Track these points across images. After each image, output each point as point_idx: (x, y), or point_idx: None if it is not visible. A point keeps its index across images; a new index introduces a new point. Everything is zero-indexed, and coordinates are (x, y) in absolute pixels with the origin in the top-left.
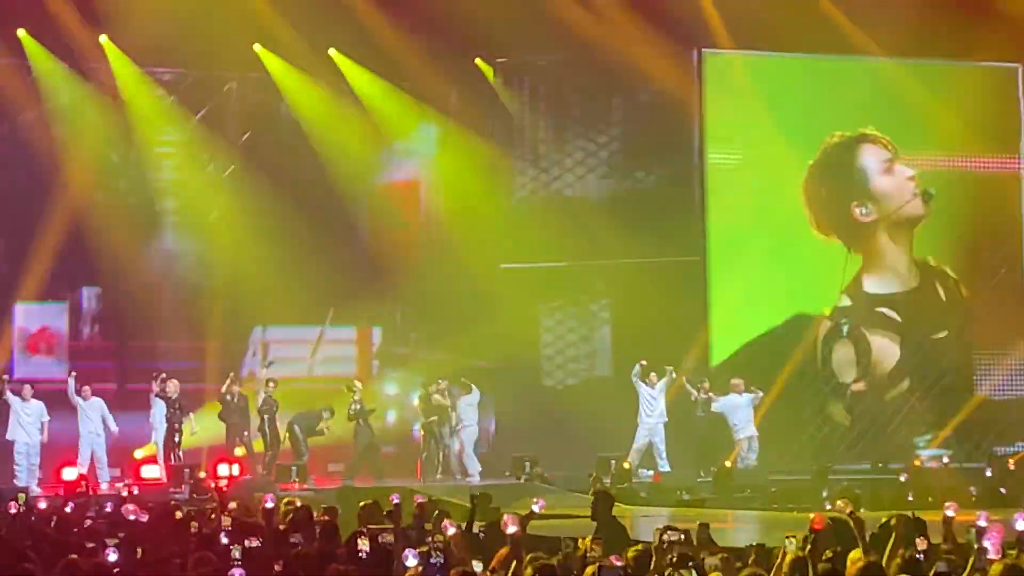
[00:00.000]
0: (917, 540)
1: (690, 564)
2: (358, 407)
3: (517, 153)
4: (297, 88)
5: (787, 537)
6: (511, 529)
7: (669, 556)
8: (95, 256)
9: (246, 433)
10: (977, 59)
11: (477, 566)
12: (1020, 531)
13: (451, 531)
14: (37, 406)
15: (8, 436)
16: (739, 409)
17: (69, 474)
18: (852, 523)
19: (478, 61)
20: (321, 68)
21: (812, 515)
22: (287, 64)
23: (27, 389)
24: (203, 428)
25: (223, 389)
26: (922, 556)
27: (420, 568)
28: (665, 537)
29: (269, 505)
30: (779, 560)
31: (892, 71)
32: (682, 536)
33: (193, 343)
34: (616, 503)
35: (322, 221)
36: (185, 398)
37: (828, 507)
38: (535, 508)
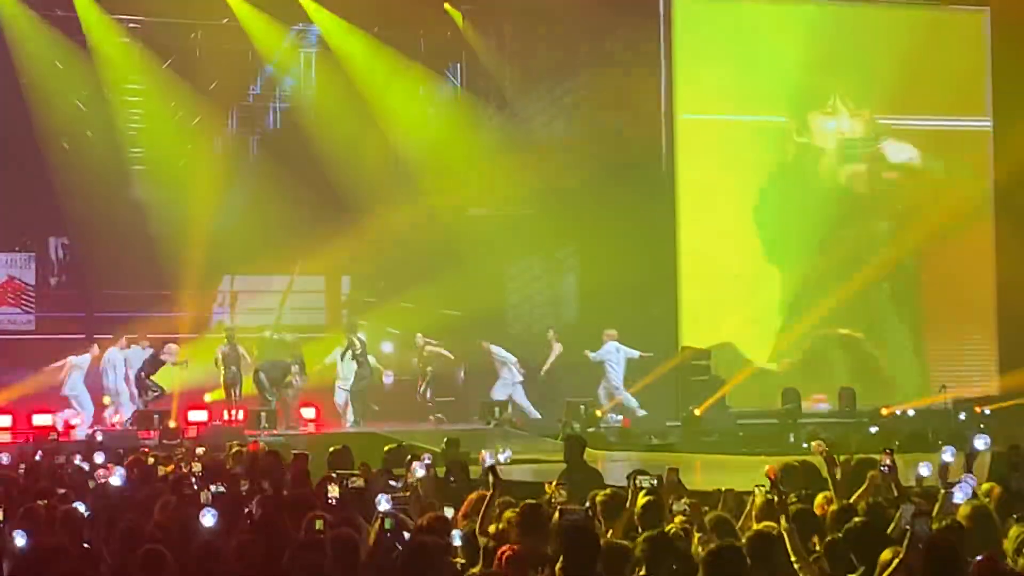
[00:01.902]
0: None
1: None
2: (360, 350)
3: (485, 99)
4: (265, 34)
5: (756, 486)
6: (488, 463)
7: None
8: (62, 205)
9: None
10: (943, 2)
11: (448, 512)
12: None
13: (420, 473)
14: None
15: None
16: (612, 359)
17: (40, 420)
18: (825, 463)
19: (446, 6)
20: (290, 14)
21: (766, 467)
22: (255, 10)
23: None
24: (173, 377)
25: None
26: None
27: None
28: (637, 482)
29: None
30: (749, 506)
31: (859, 16)
32: (655, 481)
33: (162, 292)
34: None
35: (291, 169)
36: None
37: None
38: (501, 459)
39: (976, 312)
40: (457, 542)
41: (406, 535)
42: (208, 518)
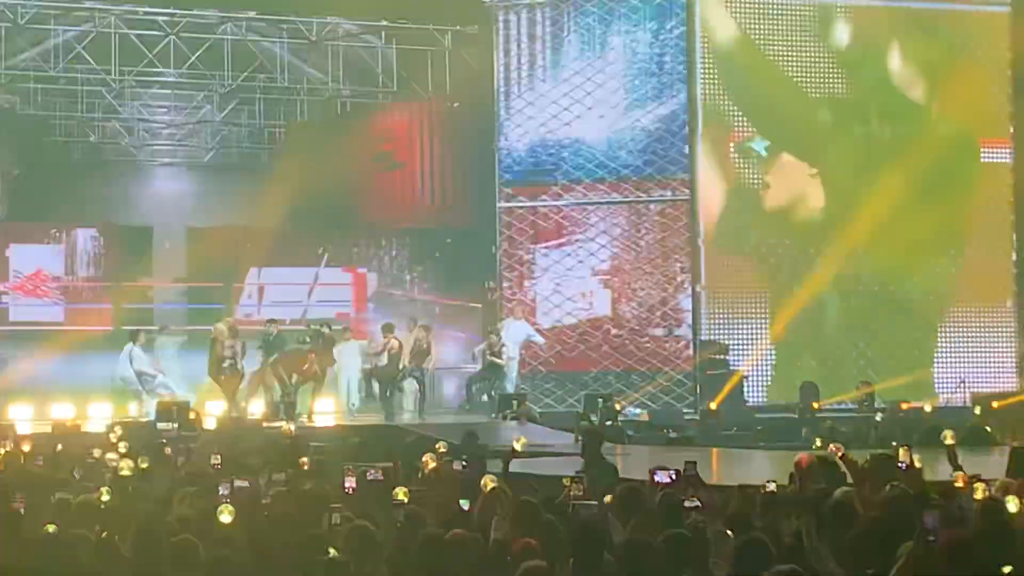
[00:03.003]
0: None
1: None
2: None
3: (516, 91)
4: (295, 27)
5: (767, 481)
6: (431, 466)
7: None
8: (90, 197)
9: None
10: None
11: (464, 504)
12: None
13: (431, 466)
14: None
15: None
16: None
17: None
18: (843, 465)
19: None
20: (319, 6)
21: (798, 455)
22: (285, 2)
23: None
24: (192, 368)
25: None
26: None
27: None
28: (657, 477)
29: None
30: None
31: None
32: (673, 475)
33: (190, 284)
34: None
35: (319, 162)
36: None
37: (817, 446)
38: (516, 447)
39: (998, 307)
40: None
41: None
42: (225, 515)
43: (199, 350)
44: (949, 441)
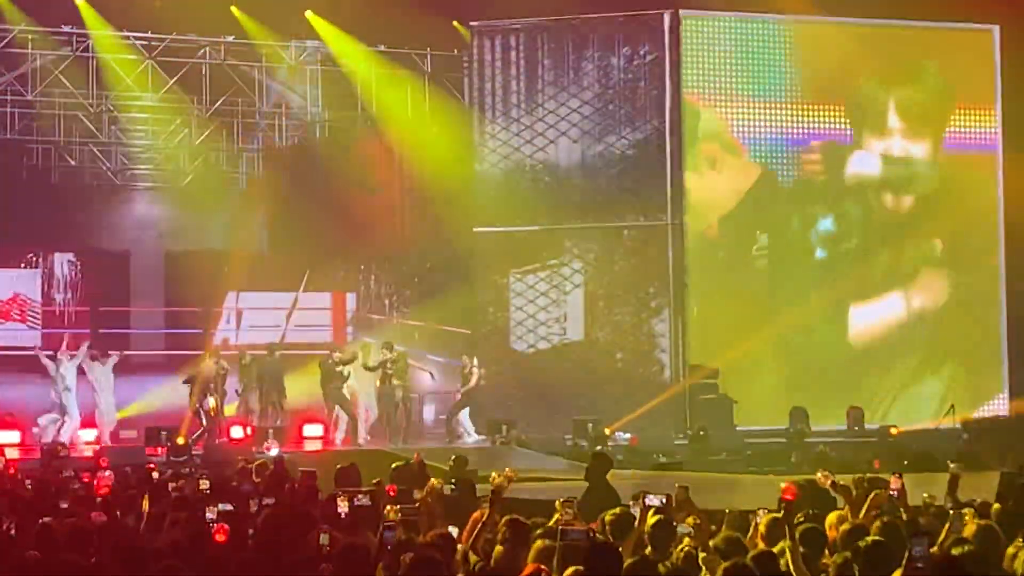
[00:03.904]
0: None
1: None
2: (391, 368)
3: (491, 116)
4: (273, 51)
5: (760, 509)
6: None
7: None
8: (68, 222)
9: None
10: (952, 19)
11: (453, 530)
12: None
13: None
14: None
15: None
16: None
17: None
18: (834, 492)
19: (455, 24)
20: (297, 30)
21: (783, 485)
22: (263, 26)
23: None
24: (176, 393)
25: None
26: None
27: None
28: (646, 502)
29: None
30: (753, 526)
31: (865, 33)
32: (663, 500)
33: (167, 309)
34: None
35: (298, 186)
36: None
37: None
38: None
39: (987, 333)
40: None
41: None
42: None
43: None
44: (953, 471)
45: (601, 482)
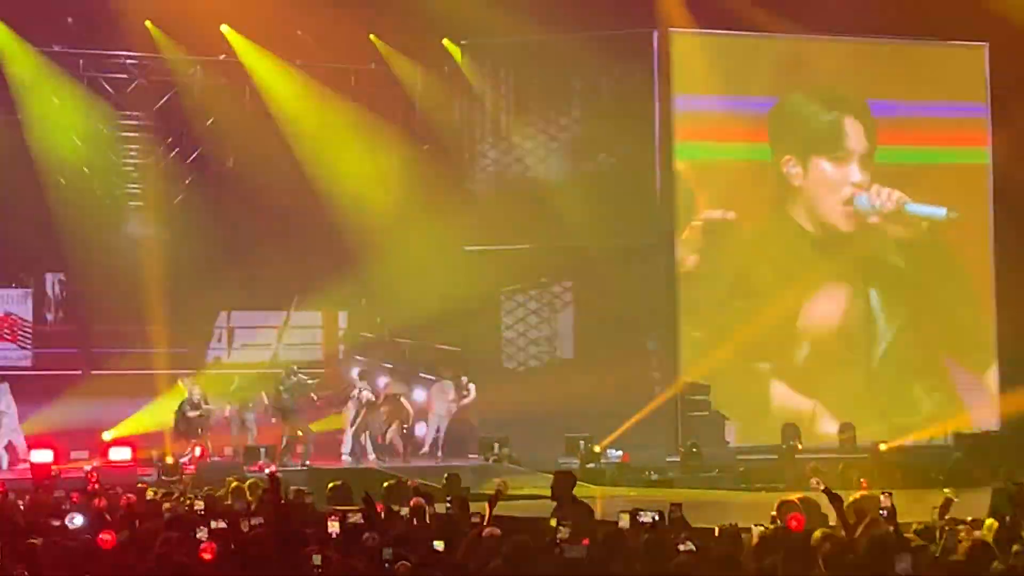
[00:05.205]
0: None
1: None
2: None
3: (480, 135)
4: (264, 71)
5: (755, 525)
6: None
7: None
8: (59, 241)
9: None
10: (942, 38)
11: (438, 545)
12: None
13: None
14: None
15: None
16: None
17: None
18: (828, 499)
19: (445, 42)
20: (288, 50)
21: (787, 516)
22: (254, 46)
23: None
24: (165, 413)
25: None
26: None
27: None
28: (639, 518)
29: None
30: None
31: (856, 50)
32: (655, 517)
33: (158, 329)
34: (583, 483)
35: (288, 205)
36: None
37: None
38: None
39: (976, 346)
40: None
41: None
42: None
43: None
44: (948, 495)
45: (569, 497)
